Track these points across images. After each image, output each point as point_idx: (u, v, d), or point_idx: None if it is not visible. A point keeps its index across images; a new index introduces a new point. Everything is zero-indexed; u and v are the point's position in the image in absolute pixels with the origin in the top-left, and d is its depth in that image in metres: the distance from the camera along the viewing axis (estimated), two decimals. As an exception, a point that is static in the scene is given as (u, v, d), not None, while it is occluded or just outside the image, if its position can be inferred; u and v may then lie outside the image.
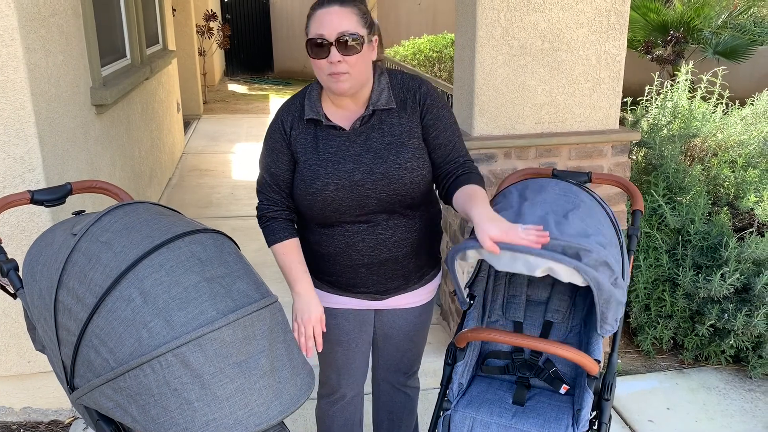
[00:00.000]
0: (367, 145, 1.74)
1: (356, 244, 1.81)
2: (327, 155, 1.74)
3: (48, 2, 2.70)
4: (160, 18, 5.93)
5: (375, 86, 1.76)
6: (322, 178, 1.73)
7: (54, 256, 1.54)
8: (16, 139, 2.46)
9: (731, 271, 3.05)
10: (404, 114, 1.77)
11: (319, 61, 1.65)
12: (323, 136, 1.76)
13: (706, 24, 7.02)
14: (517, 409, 1.84)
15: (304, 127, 1.77)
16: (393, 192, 1.75)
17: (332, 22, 1.61)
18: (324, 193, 1.73)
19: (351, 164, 1.73)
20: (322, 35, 1.62)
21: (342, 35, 1.61)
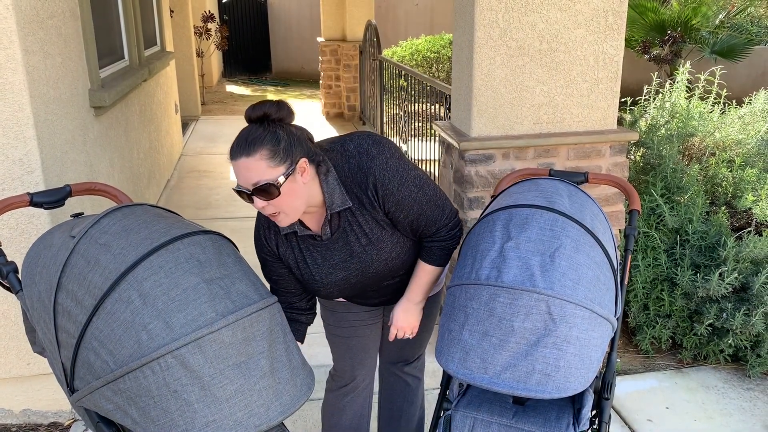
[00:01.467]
0: (349, 250, 1.79)
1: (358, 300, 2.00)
2: (316, 267, 1.81)
3: (46, 4, 2.70)
4: (158, 19, 5.93)
5: (324, 189, 1.70)
6: (323, 289, 1.84)
7: (53, 259, 1.54)
8: (14, 142, 2.47)
9: (729, 271, 3.06)
10: (365, 210, 1.74)
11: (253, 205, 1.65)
12: (305, 247, 1.80)
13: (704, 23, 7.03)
14: (517, 409, 1.84)
15: (285, 242, 1.81)
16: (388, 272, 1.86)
17: (244, 175, 1.57)
18: (326, 293, 1.86)
19: (342, 272, 1.81)
20: (240, 186, 1.60)
21: (255, 185, 1.57)
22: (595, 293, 1.60)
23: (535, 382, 1.53)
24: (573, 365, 1.54)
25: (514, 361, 1.54)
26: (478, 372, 1.57)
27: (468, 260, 1.71)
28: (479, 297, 1.60)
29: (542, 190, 1.83)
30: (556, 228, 1.66)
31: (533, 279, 1.56)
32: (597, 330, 1.59)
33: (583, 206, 1.80)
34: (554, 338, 1.53)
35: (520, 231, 1.67)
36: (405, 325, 1.95)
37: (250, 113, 1.58)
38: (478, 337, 1.58)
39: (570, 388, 1.54)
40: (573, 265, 1.60)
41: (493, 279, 1.60)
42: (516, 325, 1.55)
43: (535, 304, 1.54)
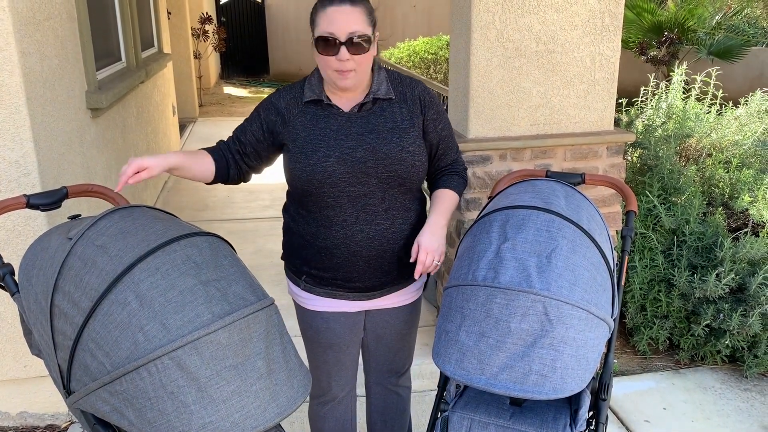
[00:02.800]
0: (370, 127, 1.79)
1: (355, 235, 1.82)
2: (329, 131, 1.78)
3: (43, 6, 2.70)
4: (155, 21, 5.93)
5: (374, 77, 1.82)
6: (324, 150, 1.75)
7: (50, 261, 1.54)
8: (11, 144, 2.46)
9: (726, 271, 3.06)
10: (404, 105, 1.83)
11: (327, 58, 1.69)
12: (324, 115, 1.79)
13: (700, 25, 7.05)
14: (514, 410, 1.84)
15: (303, 108, 1.81)
16: (394, 173, 1.79)
17: (343, 22, 1.63)
18: (324, 164, 1.75)
19: (353, 142, 1.77)
20: (332, 33, 1.64)
21: (352, 35, 1.65)
22: (591, 294, 1.60)
23: (532, 383, 1.53)
24: (570, 366, 1.54)
25: (511, 362, 1.55)
26: (475, 373, 1.57)
27: (465, 261, 1.71)
28: (476, 298, 1.60)
29: (539, 192, 1.83)
30: (552, 229, 1.67)
31: (530, 280, 1.56)
32: (594, 331, 1.59)
33: (579, 207, 1.81)
34: (551, 339, 1.54)
35: (517, 232, 1.67)
36: (433, 247, 1.79)
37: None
38: (474, 338, 1.58)
39: (567, 389, 1.54)
40: (569, 266, 1.60)
41: (489, 280, 1.60)
42: (513, 326, 1.55)
43: (532, 305, 1.54)
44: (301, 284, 1.95)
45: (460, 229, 2.92)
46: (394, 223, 1.85)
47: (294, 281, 1.97)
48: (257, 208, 5.28)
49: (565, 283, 1.57)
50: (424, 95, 1.86)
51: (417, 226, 1.92)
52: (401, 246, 1.88)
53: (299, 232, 1.89)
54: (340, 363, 2.03)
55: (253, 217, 5.07)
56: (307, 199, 1.82)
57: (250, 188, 5.79)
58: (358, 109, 1.80)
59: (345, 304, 1.94)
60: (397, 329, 2.04)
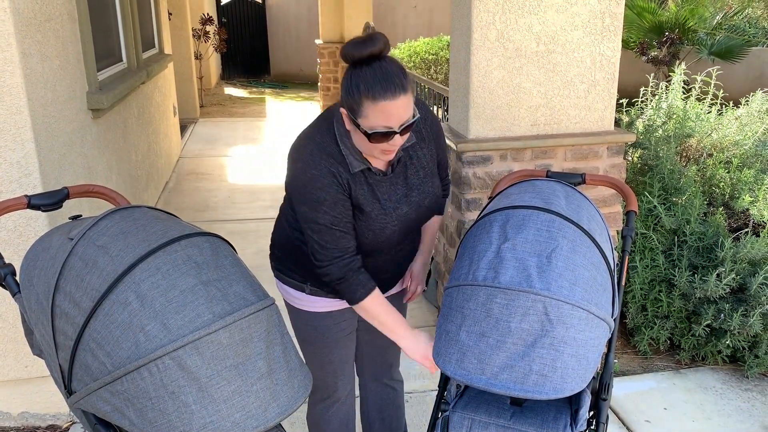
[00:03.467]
0: (409, 184, 1.81)
1: (384, 264, 1.92)
2: (387, 203, 1.78)
3: (44, 7, 2.70)
4: (156, 22, 5.94)
5: None
6: (390, 226, 1.79)
7: (51, 261, 1.54)
8: (12, 144, 2.47)
9: (727, 271, 3.06)
10: (423, 144, 1.84)
11: (377, 145, 1.63)
12: (374, 183, 1.76)
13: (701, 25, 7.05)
14: (515, 410, 1.84)
15: (355, 179, 1.73)
16: (430, 215, 1.91)
17: (399, 115, 1.57)
18: (390, 238, 1.82)
19: (405, 206, 1.81)
20: (389, 127, 1.58)
21: (406, 122, 1.60)
22: (591, 294, 1.60)
23: (533, 383, 1.54)
24: (570, 366, 1.54)
25: (512, 362, 1.55)
26: (476, 373, 1.57)
27: (465, 261, 1.71)
28: (476, 298, 1.61)
29: (539, 192, 1.83)
30: (552, 229, 1.67)
31: (530, 280, 1.57)
32: (594, 331, 1.59)
33: (579, 207, 1.81)
34: (551, 339, 1.54)
35: (517, 232, 1.67)
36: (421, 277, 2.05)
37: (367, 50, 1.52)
38: (475, 338, 1.59)
39: (567, 388, 1.54)
40: (570, 266, 1.60)
41: (490, 280, 1.60)
42: (513, 326, 1.55)
43: (532, 304, 1.54)
44: (306, 289, 1.94)
45: (460, 229, 2.92)
46: (414, 245, 2.00)
47: (297, 287, 1.95)
48: (258, 208, 5.28)
49: (565, 283, 1.57)
50: (435, 127, 1.87)
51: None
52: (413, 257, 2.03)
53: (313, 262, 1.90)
54: (344, 359, 2.05)
55: (254, 218, 5.07)
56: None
57: (252, 189, 5.79)
58: (396, 165, 1.79)
59: (343, 302, 1.97)
60: None
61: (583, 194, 1.91)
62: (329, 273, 1.75)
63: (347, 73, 1.59)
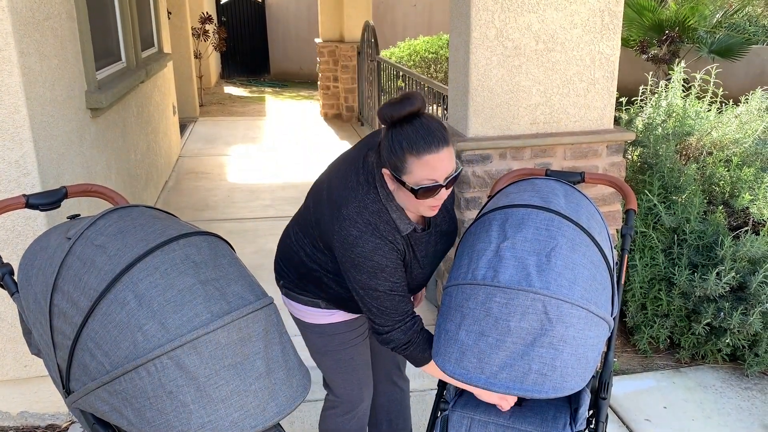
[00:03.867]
0: (439, 231, 1.84)
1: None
2: (423, 259, 1.82)
3: (42, 6, 2.70)
4: (155, 21, 5.93)
5: None
6: (421, 276, 1.85)
7: (49, 260, 1.54)
8: (11, 144, 2.46)
9: (727, 270, 3.06)
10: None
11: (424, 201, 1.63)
12: (414, 241, 1.77)
13: (701, 23, 7.04)
14: (514, 409, 1.84)
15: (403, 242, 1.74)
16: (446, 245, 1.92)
17: (445, 167, 1.58)
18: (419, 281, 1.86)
19: (437, 258, 1.87)
20: (436, 180, 1.58)
21: (451, 175, 1.61)
22: (591, 293, 1.60)
23: (532, 382, 1.53)
24: (569, 365, 1.54)
25: (511, 361, 1.54)
26: (475, 372, 1.57)
27: (464, 260, 1.71)
28: (476, 297, 1.60)
29: (538, 190, 1.83)
30: (552, 228, 1.66)
31: (529, 279, 1.56)
32: (593, 329, 1.59)
33: (579, 206, 1.80)
34: (550, 338, 1.53)
35: (517, 231, 1.67)
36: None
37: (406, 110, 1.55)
38: (474, 337, 1.58)
39: (567, 387, 1.54)
40: (569, 265, 1.60)
41: (489, 279, 1.60)
42: (512, 325, 1.55)
43: (532, 303, 1.54)
44: (321, 304, 1.92)
45: (460, 229, 2.92)
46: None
47: (312, 304, 1.93)
48: (258, 207, 5.28)
49: (564, 281, 1.57)
50: None
51: None
52: None
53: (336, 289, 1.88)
54: (366, 364, 2.04)
55: (253, 217, 5.07)
56: None
57: (251, 188, 5.79)
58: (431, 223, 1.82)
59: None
60: None
61: (583, 193, 1.91)
62: (394, 339, 1.75)
63: (387, 133, 1.59)
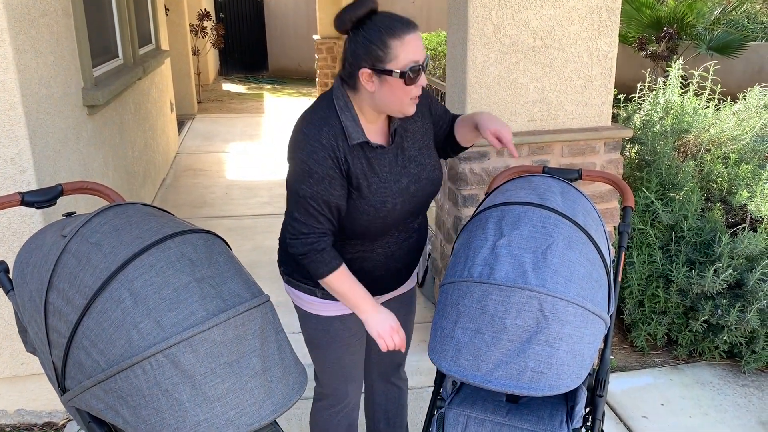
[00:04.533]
0: (407, 156, 1.80)
1: (394, 253, 1.89)
2: (386, 176, 1.75)
3: (38, 3, 2.69)
4: (153, 17, 5.91)
5: None
6: (390, 200, 1.75)
7: (44, 258, 1.53)
8: (6, 141, 2.46)
9: (724, 267, 3.06)
10: (417, 117, 1.85)
11: (409, 88, 1.62)
12: (374, 156, 1.73)
13: (700, 20, 7.03)
14: (511, 407, 1.84)
15: (355, 152, 1.70)
16: (432, 193, 1.86)
17: (422, 48, 1.62)
18: (393, 214, 1.78)
19: (405, 179, 1.78)
20: (418, 61, 1.60)
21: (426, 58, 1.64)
22: (587, 290, 1.60)
23: (528, 380, 1.53)
24: (565, 362, 1.54)
25: (507, 359, 1.54)
26: (471, 370, 1.57)
27: (461, 257, 1.70)
28: (471, 294, 1.60)
29: (535, 188, 1.83)
30: (548, 225, 1.66)
31: (525, 276, 1.56)
32: (589, 327, 1.59)
33: (575, 203, 1.80)
34: (546, 335, 1.53)
35: (513, 228, 1.67)
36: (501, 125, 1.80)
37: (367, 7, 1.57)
38: (470, 335, 1.58)
39: (563, 385, 1.54)
40: (565, 263, 1.60)
41: (485, 276, 1.60)
42: (508, 323, 1.55)
43: (527, 301, 1.54)
44: (318, 293, 1.91)
45: (457, 225, 2.91)
46: (419, 231, 1.94)
47: (309, 292, 1.92)
48: (255, 204, 5.27)
49: (560, 279, 1.56)
50: (427, 97, 1.89)
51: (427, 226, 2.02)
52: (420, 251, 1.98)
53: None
54: (355, 364, 2.03)
55: (251, 214, 5.06)
56: (356, 237, 1.81)
57: (249, 185, 5.78)
58: (393, 138, 1.78)
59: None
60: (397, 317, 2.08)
61: (579, 190, 1.91)
62: (293, 246, 1.72)
63: (354, 35, 1.60)
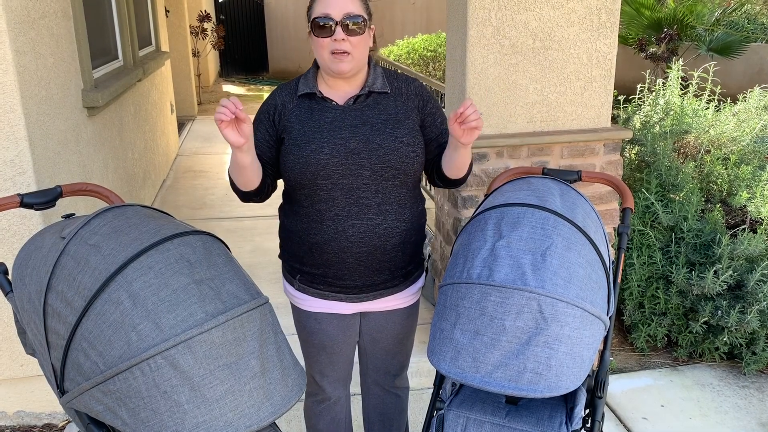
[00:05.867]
0: (363, 119, 1.79)
1: (346, 230, 1.80)
2: (323, 123, 1.78)
3: (38, 4, 2.69)
4: (153, 19, 5.92)
5: (371, 72, 1.85)
6: (317, 141, 1.76)
7: (43, 260, 1.53)
8: (6, 142, 2.46)
9: (724, 268, 3.06)
10: (399, 99, 1.85)
11: (322, 40, 1.72)
12: (318, 108, 1.80)
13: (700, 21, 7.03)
14: (510, 408, 1.84)
15: (298, 102, 1.82)
16: (387, 164, 1.77)
17: (339, 3, 1.69)
18: (318, 156, 1.74)
19: (347, 133, 1.77)
20: (328, 14, 1.70)
21: (347, 16, 1.69)
22: (586, 292, 1.60)
23: (527, 381, 1.53)
24: (565, 364, 1.54)
25: (506, 360, 1.54)
26: (470, 371, 1.57)
27: (460, 259, 1.70)
28: (471, 296, 1.60)
29: (534, 189, 1.83)
30: (547, 226, 1.66)
31: (524, 277, 1.56)
32: (589, 328, 1.59)
33: (574, 205, 1.80)
34: (546, 337, 1.53)
35: (512, 229, 1.67)
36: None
37: None
38: (469, 336, 1.58)
39: (562, 386, 1.54)
40: (564, 264, 1.59)
41: (484, 278, 1.60)
42: (507, 324, 1.54)
43: (527, 302, 1.54)
44: (295, 284, 1.94)
45: (456, 227, 2.91)
46: (386, 218, 1.82)
47: (289, 281, 1.97)
48: (256, 206, 5.27)
49: (560, 280, 1.56)
50: (421, 90, 1.88)
51: (411, 223, 1.88)
52: (393, 244, 1.85)
53: (292, 229, 1.89)
54: (332, 364, 2.03)
55: (251, 215, 5.06)
56: (300, 192, 1.81)
57: (249, 186, 5.78)
58: (353, 102, 1.81)
59: (338, 306, 1.93)
60: (393, 333, 2.03)
61: (578, 191, 1.91)
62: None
63: None
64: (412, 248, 1.92)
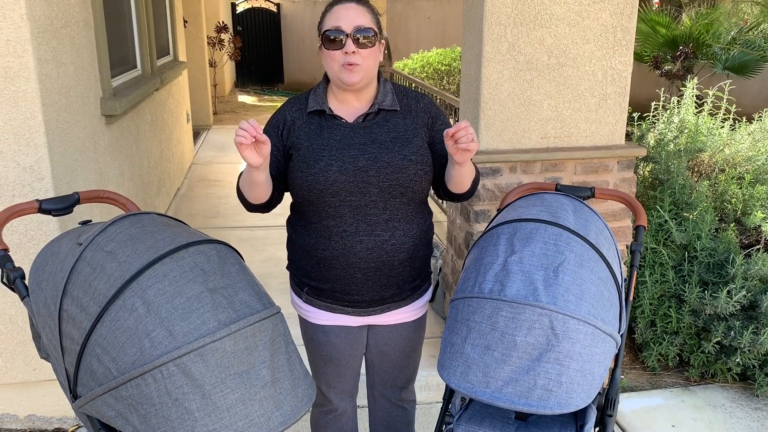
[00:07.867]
0: (372, 138, 1.80)
1: (354, 246, 1.80)
2: (331, 141, 1.79)
3: (60, 14, 2.74)
4: (172, 30, 5.99)
5: (380, 88, 1.85)
6: (326, 159, 1.76)
7: (59, 265, 1.55)
8: (26, 149, 2.49)
9: (738, 288, 3.03)
10: (409, 116, 1.85)
11: (333, 53, 1.74)
12: (327, 125, 1.81)
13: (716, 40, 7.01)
14: (519, 424, 1.83)
15: (307, 119, 1.83)
16: (395, 182, 1.77)
17: (349, 17, 1.72)
18: (326, 174, 1.75)
19: (355, 151, 1.77)
20: (339, 27, 1.72)
21: (357, 29, 1.72)
22: (598, 309, 1.60)
23: (537, 398, 1.53)
24: (575, 381, 1.53)
25: (516, 376, 1.54)
26: (480, 386, 1.57)
27: (471, 273, 1.71)
28: (482, 310, 1.60)
29: (547, 205, 1.83)
30: (560, 243, 1.66)
31: (536, 293, 1.56)
32: (600, 346, 1.58)
33: (587, 221, 1.80)
34: (557, 353, 1.53)
35: (524, 245, 1.67)
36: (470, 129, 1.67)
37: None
38: (480, 351, 1.58)
39: (572, 403, 1.53)
40: (576, 281, 1.59)
41: (496, 293, 1.60)
42: (518, 340, 1.54)
43: (538, 318, 1.54)
44: (303, 296, 1.95)
45: (468, 241, 2.91)
46: (394, 234, 1.82)
47: (297, 293, 1.97)
48: (268, 216, 5.30)
49: (571, 297, 1.56)
50: (430, 107, 1.89)
51: (419, 239, 1.88)
52: (401, 259, 1.85)
53: (300, 243, 1.89)
54: (339, 376, 2.03)
55: (263, 225, 5.09)
56: (308, 208, 1.82)
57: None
58: (363, 120, 1.81)
59: (346, 319, 1.93)
60: (401, 346, 2.03)
61: (592, 208, 1.91)
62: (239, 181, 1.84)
63: None
64: (420, 263, 1.92)
